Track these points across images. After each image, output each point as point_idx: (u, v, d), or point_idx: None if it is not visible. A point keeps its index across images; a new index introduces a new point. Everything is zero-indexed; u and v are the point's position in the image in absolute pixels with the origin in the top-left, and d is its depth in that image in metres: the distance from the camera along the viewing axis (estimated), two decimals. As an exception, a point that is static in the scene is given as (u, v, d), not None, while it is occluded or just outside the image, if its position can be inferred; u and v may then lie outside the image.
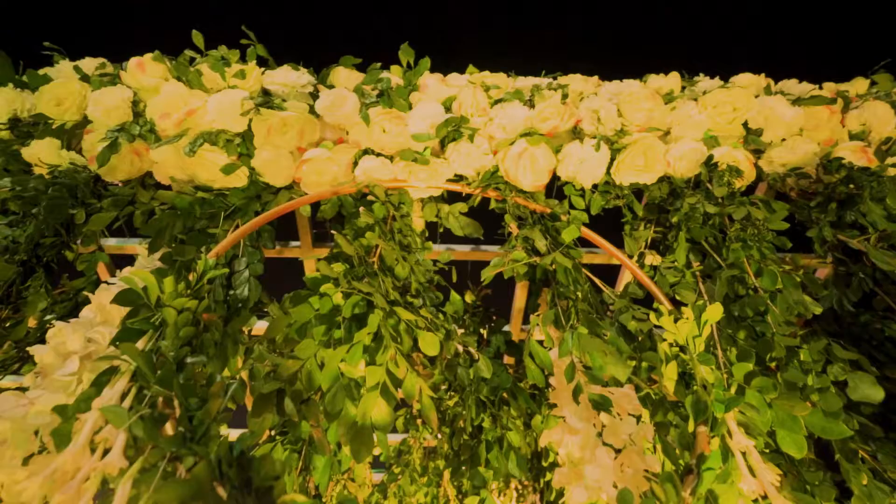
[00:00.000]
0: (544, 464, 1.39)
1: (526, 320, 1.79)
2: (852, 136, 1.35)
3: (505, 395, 1.18)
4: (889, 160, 1.29)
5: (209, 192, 1.24)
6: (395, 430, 1.59)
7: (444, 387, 1.27)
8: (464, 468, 1.17)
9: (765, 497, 0.73)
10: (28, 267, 0.98)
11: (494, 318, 1.39)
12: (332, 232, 0.96)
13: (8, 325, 0.93)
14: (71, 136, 1.28)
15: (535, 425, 1.28)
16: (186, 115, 1.25)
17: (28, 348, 0.80)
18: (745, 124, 1.34)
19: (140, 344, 0.76)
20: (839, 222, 1.20)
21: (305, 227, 1.59)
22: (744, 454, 0.75)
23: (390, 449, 1.57)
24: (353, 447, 0.74)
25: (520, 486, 1.45)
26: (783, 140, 1.32)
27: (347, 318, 0.85)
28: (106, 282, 0.96)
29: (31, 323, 1.13)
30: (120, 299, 0.82)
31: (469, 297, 1.43)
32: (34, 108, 1.26)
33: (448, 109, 1.30)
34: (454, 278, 1.12)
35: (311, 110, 1.28)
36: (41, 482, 0.56)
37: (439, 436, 1.47)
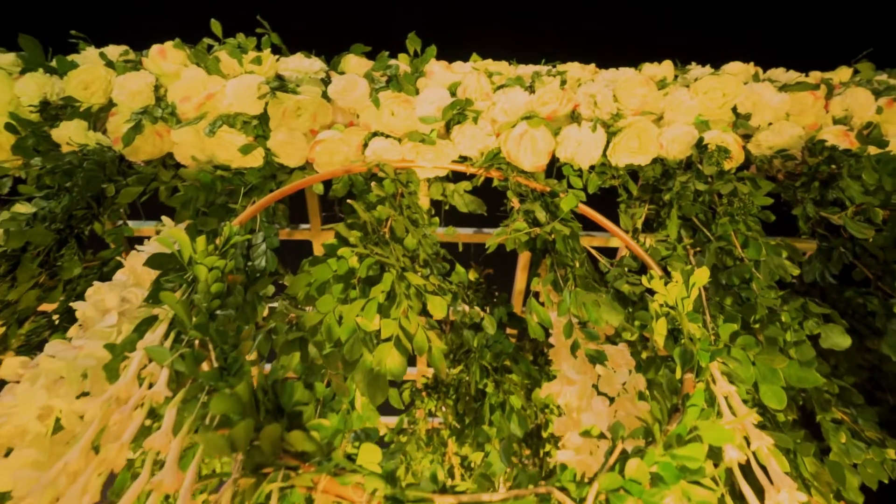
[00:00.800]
0: (544, 434, 1.46)
1: (526, 302, 1.85)
2: (836, 121, 1.43)
3: (507, 363, 1.26)
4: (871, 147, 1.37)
5: (227, 171, 1.31)
6: (396, 412, 1.65)
7: (449, 358, 1.34)
8: (468, 431, 1.24)
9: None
10: (63, 236, 1.05)
11: (497, 294, 1.46)
12: (349, 202, 1.03)
13: (44, 289, 1.00)
14: (97, 118, 1.36)
15: (536, 398, 1.36)
16: (206, 98, 1.32)
17: (71, 303, 0.87)
18: (734, 110, 1.41)
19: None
20: (822, 200, 1.27)
21: (315, 209, 1.67)
22: (726, 398, 0.82)
23: (395, 425, 1.64)
24: (370, 391, 0.81)
25: (520, 464, 1.52)
26: (770, 124, 1.40)
27: (362, 279, 0.92)
28: (136, 248, 1.03)
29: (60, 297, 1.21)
30: (152, 262, 0.89)
31: (472, 275, 1.50)
32: (62, 92, 1.33)
33: (453, 94, 1.37)
34: (460, 248, 1.19)
35: (324, 95, 1.35)
36: (100, 405, 0.63)
37: (444, 408, 1.54)
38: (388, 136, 1.34)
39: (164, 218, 1.09)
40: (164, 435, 0.62)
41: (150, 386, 0.69)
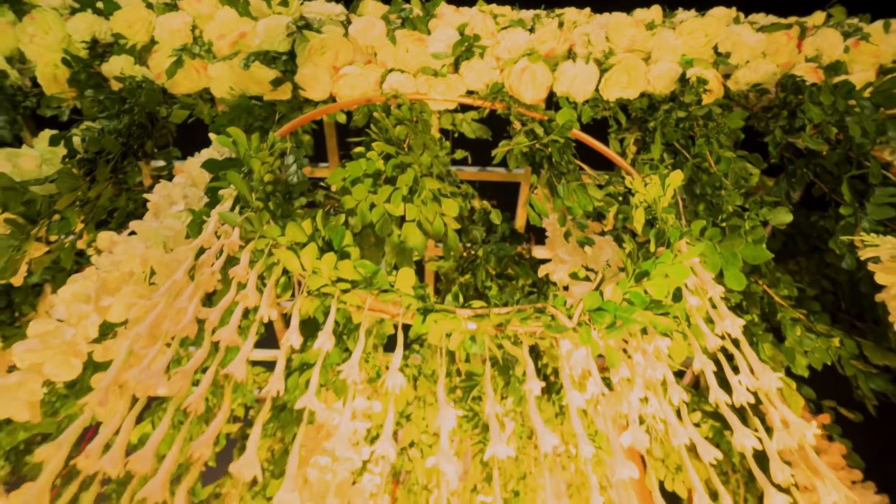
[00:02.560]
0: (552, 378, 1.64)
1: (527, 240, 2.03)
2: (808, 60, 1.58)
3: (510, 271, 1.43)
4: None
5: (260, 101, 1.46)
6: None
7: (458, 270, 1.51)
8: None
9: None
10: (125, 150, 1.21)
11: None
12: (375, 116, 1.19)
13: (115, 193, 1.16)
14: (139, 56, 1.50)
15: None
16: (238, 37, 1.46)
17: (143, 195, 1.04)
18: (715, 49, 1.56)
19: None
20: (789, 127, 1.42)
21: (334, 149, 1.83)
22: (692, 268, 1.00)
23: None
24: (398, 260, 0.98)
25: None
26: (748, 62, 1.55)
27: (388, 177, 1.09)
28: (188, 157, 1.19)
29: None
30: (208, 165, 1.06)
31: (477, 205, 1.67)
32: (109, 31, 1.47)
33: (462, 34, 1.51)
34: (469, 161, 1.36)
35: (345, 34, 1.50)
36: (191, 249, 0.80)
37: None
38: (403, 72, 1.49)
39: (211, 135, 1.25)
40: (242, 268, 0.80)
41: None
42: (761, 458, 0.72)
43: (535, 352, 1.24)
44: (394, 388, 0.65)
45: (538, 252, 1.73)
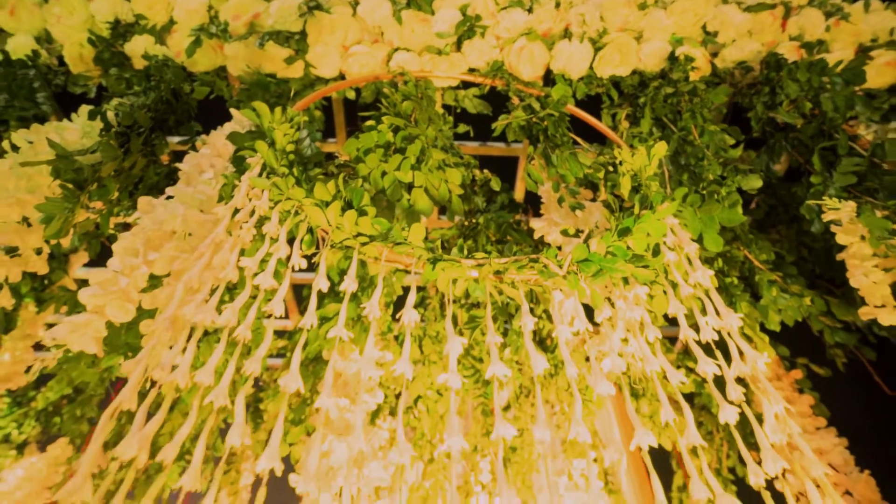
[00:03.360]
0: (547, 343, 1.76)
1: (524, 211, 2.14)
2: (792, 39, 1.66)
3: (509, 237, 1.55)
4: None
5: (274, 79, 1.56)
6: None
7: (460, 237, 1.62)
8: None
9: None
10: (154, 123, 1.31)
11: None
12: (385, 92, 1.28)
13: (146, 164, 1.27)
14: (159, 35, 1.59)
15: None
16: (253, 17, 1.55)
17: (175, 164, 1.15)
18: (704, 28, 1.65)
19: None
20: (771, 103, 1.52)
21: (342, 125, 1.92)
22: (671, 228, 1.11)
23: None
24: (408, 221, 1.09)
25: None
26: (734, 41, 1.63)
27: (397, 148, 1.19)
28: (208, 133, 1.29)
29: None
30: (232, 137, 1.16)
31: (479, 175, 1.77)
32: (130, 13, 1.55)
33: (464, 14, 1.60)
34: (471, 134, 1.46)
35: (353, 14, 1.58)
36: (227, 209, 0.91)
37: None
38: (409, 50, 1.58)
39: (232, 110, 1.35)
40: (274, 225, 0.91)
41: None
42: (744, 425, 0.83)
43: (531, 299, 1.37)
44: (410, 321, 0.77)
45: (535, 223, 1.85)
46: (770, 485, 0.75)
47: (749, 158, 1.79)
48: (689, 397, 2.04)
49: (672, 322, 1.03)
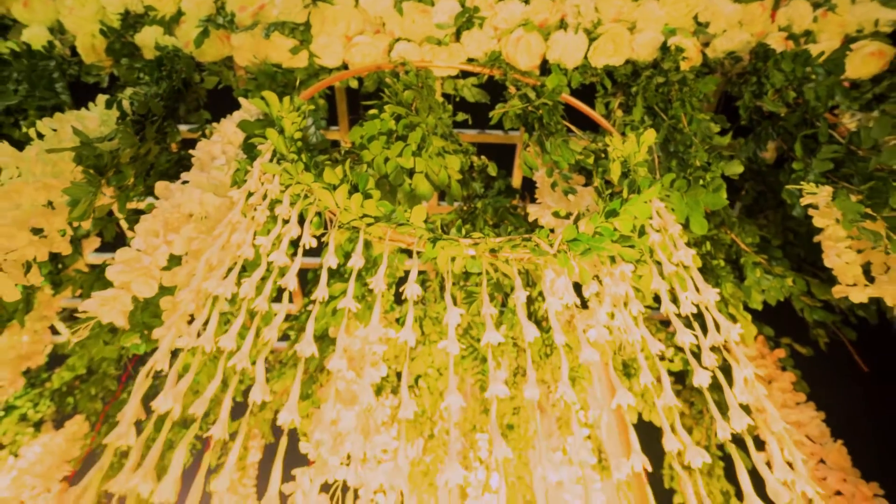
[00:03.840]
0: (543, 325, 1.84)
1: (522, 197, 2.21)
2: (781, 29, 1.72)
3: (506, 221, 1.62)
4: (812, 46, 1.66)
5: (280, 69, 1.61)
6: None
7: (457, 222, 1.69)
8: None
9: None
10: (166, 112, 1.37)
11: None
12: (387, 81, 1.34)
13: (156, 153, 1.33)
14: (168, 26, 1.64)
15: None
16: (258, 8, 1.60)
17: (183, 151, 1.21)
18: (696, 19, 1.70)
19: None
20: (759, 92, 1.58)
21: (344, 114, 1.98)
22: (657, 211, 1.18)
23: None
24: (409, 204, 1.16)
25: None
26: (724, 31, 1.69)
27: (399, 136, 1.26)
28: (219, 121, 1.35)
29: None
30: (243, 125, 1.23)
31: (477, 161, 1.84)
32: (139, 4, 1.61)
33: (462, 6, 1.65)
34: (469, 122, 1.52)
35: (356, 6, 1.63)
36: (241, 193, 0.98)
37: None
38: (409, 41, 1.63)
39: (241, 99, 1.41)
40: (285, 207, 0.98)
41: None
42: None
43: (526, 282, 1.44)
44: (412, 294, 0.85)
45: (531, 208, 1.92)
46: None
47: (738, 146, 1.85)
48: (680, 377, 2.13)
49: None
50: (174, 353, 0.77)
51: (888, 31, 1.65)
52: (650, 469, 0.72)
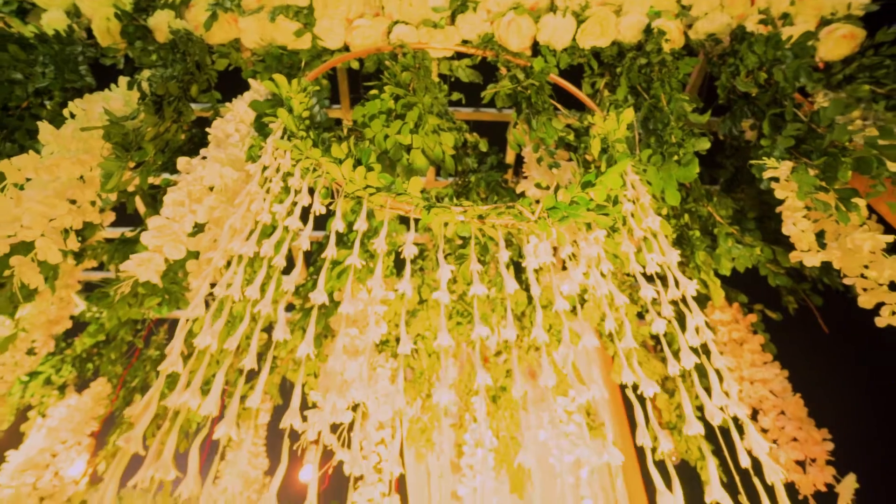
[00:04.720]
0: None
1: (516, 173, 2.32)
2: (760, 12, 1.80)
3: (496, 196, 1.74)
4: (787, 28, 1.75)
5: (285, 51, 1.71)
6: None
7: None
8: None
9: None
10: (181, 93, 1.48)
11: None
12: (386, 64, 1.45)
13: (167, 132, 1.45)
14: (178, 10, 1.73)
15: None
16: (264, -8, 1.69)
17: (206, 128, 1.33)
18: (679, 2, 1.79)
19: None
20: (736, 72, 1.68)
21: (346, 93, 2.08)
22: (632, 183, 1.30)
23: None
24: (407, 176, 1.28)
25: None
26: (706, 14, 1.78)
27: (398, 114, 1.37)
28: (231, 101, 1.46)
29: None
30: (254, 105, 1.34)
31: (470, 138, 1.95)
32: (151, -13, 1.69)
33: (457, -11, 1.74)
34: (463, 102, 1.63)
35: (356, -11, 1.72)
36: (257, 167, 1.10)
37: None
38: (407, 24, 1.72)
39: (250, 80, 1.51)
40: (297, 179, 1.10)
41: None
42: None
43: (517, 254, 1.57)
44: (410, 254, 0.98)
45: (522, 185, 2.04)
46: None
47: (717, 124, 1.96)
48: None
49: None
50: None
51: (860, 14, 1.74)
52: (607, 396, 0.87)
